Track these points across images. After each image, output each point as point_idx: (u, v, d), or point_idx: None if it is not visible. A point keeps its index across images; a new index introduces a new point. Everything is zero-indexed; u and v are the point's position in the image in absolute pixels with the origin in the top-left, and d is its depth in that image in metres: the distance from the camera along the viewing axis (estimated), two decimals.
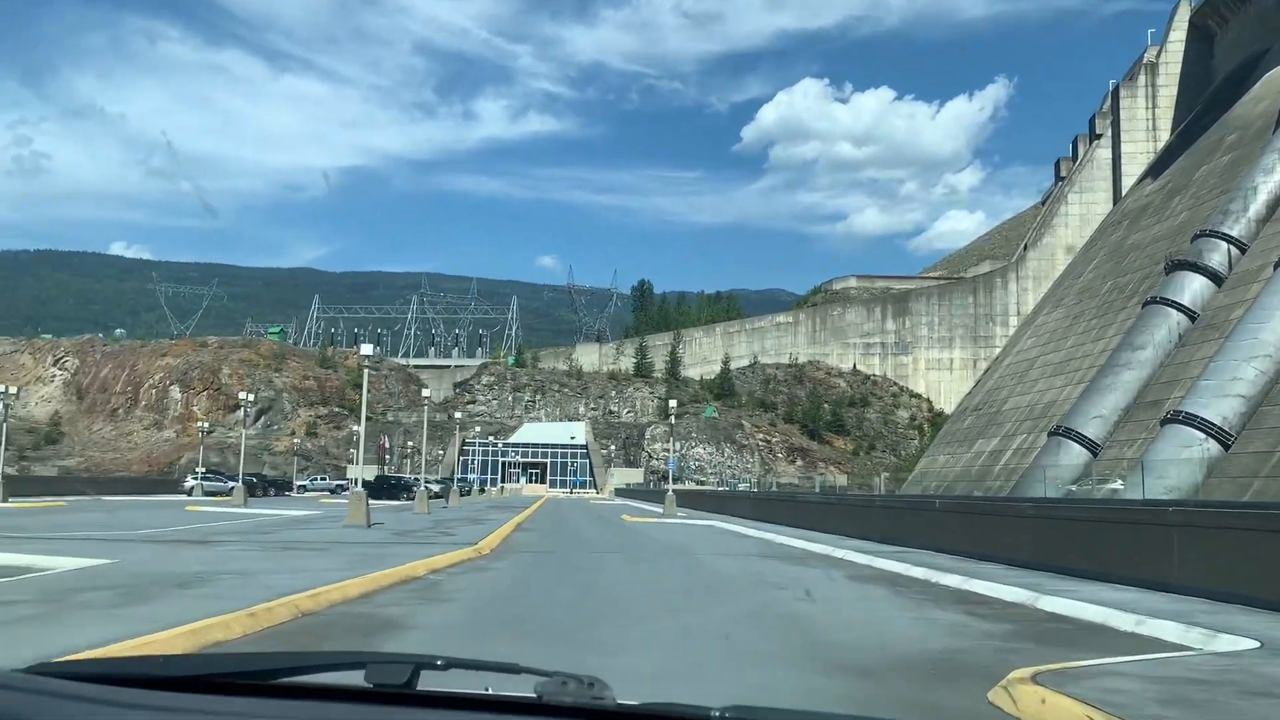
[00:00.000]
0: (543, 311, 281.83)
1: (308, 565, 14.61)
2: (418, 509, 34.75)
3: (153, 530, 22.83)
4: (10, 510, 34.26)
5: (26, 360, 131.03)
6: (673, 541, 24.57)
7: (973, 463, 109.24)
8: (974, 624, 10.85)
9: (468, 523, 29.05)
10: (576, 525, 33.34)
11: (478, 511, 39.46)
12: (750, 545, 23.57)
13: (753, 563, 18.71)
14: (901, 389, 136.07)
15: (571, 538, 26.19)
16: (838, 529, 25.82)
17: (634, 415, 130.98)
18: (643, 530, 29.97)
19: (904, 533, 22.08)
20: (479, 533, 23.18)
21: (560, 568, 17.15)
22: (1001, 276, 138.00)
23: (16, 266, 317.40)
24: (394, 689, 1.78)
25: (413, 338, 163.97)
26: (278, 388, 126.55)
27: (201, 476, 60.69)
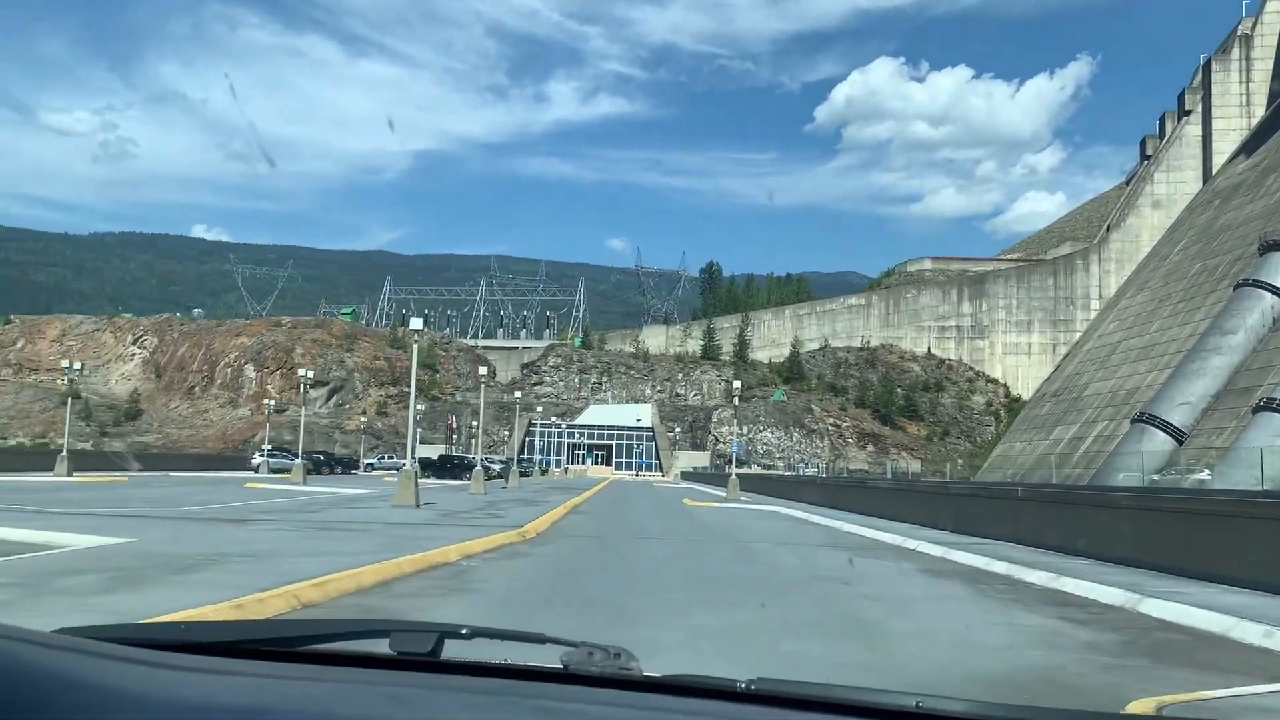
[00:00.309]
0: (610, 294, 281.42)
1: (335, 548, 13.58)
2: (473, 489, 33.86)
3: (199, 507, 22.17)
4: (72, 485, 34.19)
5: (108, 339, 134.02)
6: (731, 528, 23.21)
7: (1051, 450, 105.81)
8: (1071, 632, 9.35)
9: (521, 504, 28.02)
10: (634, 509, 32.16)
11: (536, 493, 38.51)
12: (815, 534, 22.10)
13: (816, 553, 17.28)
14: (977, 374, 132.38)
15: (625, 522, 24.97)
16: (910, 517, 24.23)
17: (701, 398, 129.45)
18: (701, 515, 28.65)
19: (981, 523, 20.43)
20: (529, 515, 22.08)
21: (605, 555, 15.92)
22: (1083, 258, 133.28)
23: (103, 249, 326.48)
24: (418, 657, 1.79)
25: (481, 319, 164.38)
26: (349, 367, 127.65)
27: (268, 454, 60.80)
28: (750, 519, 27.17)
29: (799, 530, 23.08)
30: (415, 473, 23.47)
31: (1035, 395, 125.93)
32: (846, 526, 23.61)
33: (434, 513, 22.33)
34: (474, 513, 23.13)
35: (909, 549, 18.32)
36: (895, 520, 24.79)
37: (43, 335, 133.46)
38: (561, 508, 26.89)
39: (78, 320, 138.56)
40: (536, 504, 28.39)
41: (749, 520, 26.59)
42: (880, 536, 20.77)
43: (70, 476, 38.90)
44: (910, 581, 13.36)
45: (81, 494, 27.25)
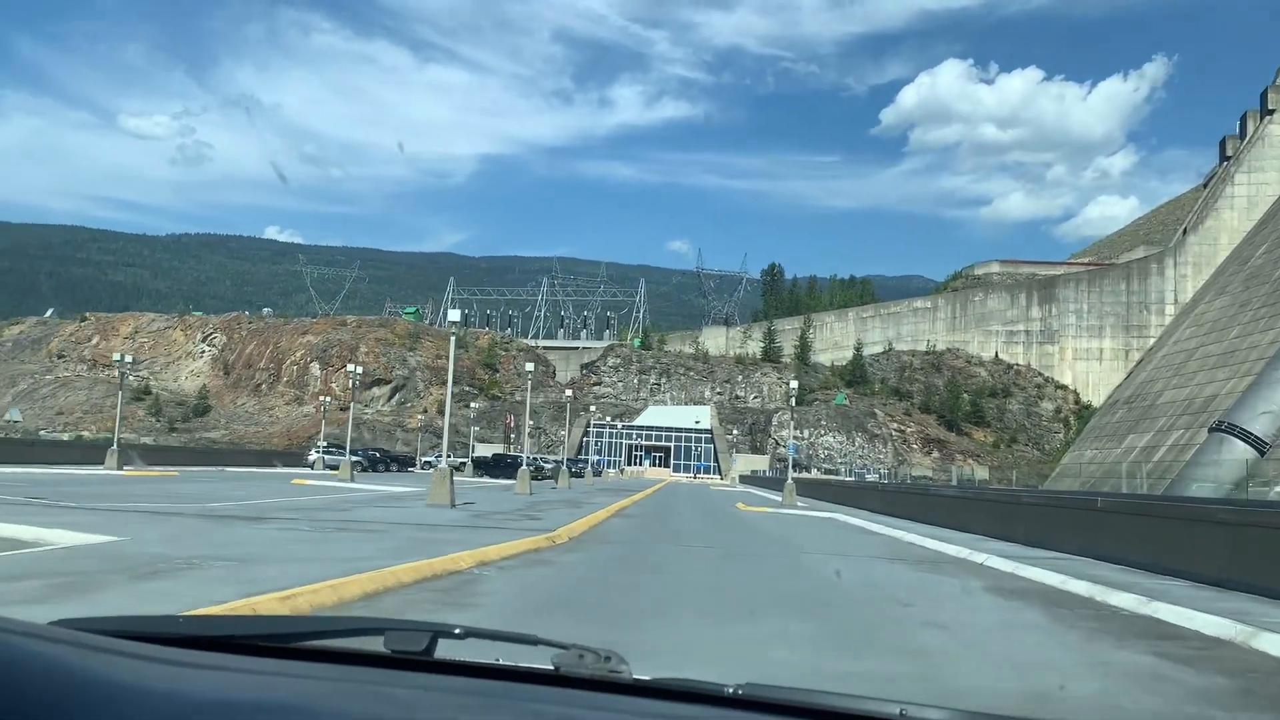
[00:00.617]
0: (671, 296, 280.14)
1: (336, 552, 12.34)
2: (518, 489, 32.66)
3: (224, 503, 21.21)
4: (117, 478, 33.71)
5: (178, 336, 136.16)
6: (783, 536, 21.60)
7: (1122, 459, 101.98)
8: (1175, 674, 7.68)
9: (564, 506, 26.70)
10: (682, 513, 30.67)
11: (584, 495, 37.19)
12: (873, 544, 20.40)
13: (873, 567, 15.63)
14: (1046, 379, 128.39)
15: (669, 527, 23.47)
16: (976, 527, 22.41)
17: (761, 401, 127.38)
18: (753, 521, 27.05)
19: (1055, 535, 18.60)
20: (567, 518, 20.74)
21: (637, 564, 14.45)
22: (1158, 262, 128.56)
23: (180, 249, 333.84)
24: (412, 655, 1.80)
25: (543, 320, 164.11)
26: (411, 366, 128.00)
27: (324, 450, 60.46)
28: (804, 526, 25.51)
29: (856, 540, 21.39)
30: (450, 471, 22.24)
31: (1106, 402, 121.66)
32: (908, 536, 21.88)
33: (467, 514, 21.09)
34: (510, 514, 21.85)
35: (976, 563, 16.58)
36: (961, 530, 22.99)
37: (116, 332, 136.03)
38: (605, 510, 25.52)
39: (149, 318, 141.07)
40: (580, 506, 27.05)
41: (802, 527, 24.94)
42: (944, 548, 19.03)
43: (120, 470, 38.51)
44: (978, 604, 11.71)
45: (117, 488, 26.55)
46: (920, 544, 20.34)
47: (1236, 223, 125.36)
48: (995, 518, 21.62)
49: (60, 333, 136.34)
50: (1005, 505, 21.78)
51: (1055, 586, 13.46)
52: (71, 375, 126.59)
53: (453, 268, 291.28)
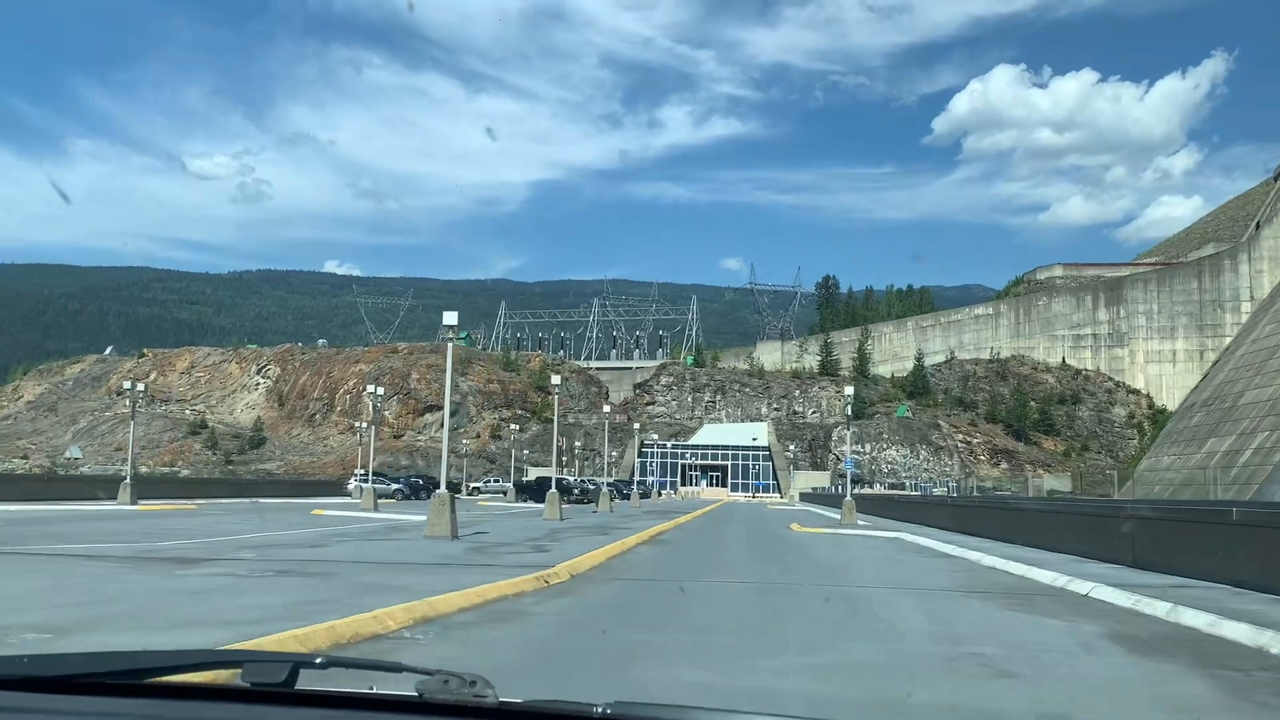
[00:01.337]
0: (725, 314, 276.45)
1: (233, 610, 9.25)
2: (546, 515, 29.49)
3: (187, 542, 18.36)
4: (123, 514, 31.30)
5: (234, 369, 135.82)
6: (839, 564, 18.10)
7: (1204, 463, 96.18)
8: None
9: (589, 534, 23.46)
10: (727, 536, 27.23)
11: (623, 519, 33.88)
12: (947, 572, 16.82)
13: (950, 606, 12.14)
14: (1117, 384, 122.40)
15: (706, 555, 20.06)
16: (1066, 546, 18.73)
17: (819, 415, 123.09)
18: (806, 545, 23.52)
19: (1174, 556, 14.93)
20: (581, 548, 17.51)
21: (639, 614, 11.10)
22: (1231, 258, 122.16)
23: (242, 286, 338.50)
24: (272, 688, 1.72)
25: (594, 341, 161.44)
26: (463, 391, 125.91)
27: (361, 478, 57.94)
28: (865, 550, 21.94)
29: (926, 568, 17.81)
30: (450, 499, 19.13)
31: (1182, 406, 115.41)
32: (987, 559, 18.26)
33: (466, 546, 17.92)
34: (518, 545, 18.64)
35: (1080, 594, 13.00)
36: (1047, 550, 19.32)
37: (173, 368, 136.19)
38: (635, 537, 22.22)
39: (205, 352, 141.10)
40: (609, 533, 23.79)
41: (863, 552, 21.38)
42: (1035, 574, 15.42)
43: (133, 505, 36.14)
44: (1105, 664, 8.19)
45: (99, 525, 23.95)
46: (1003, 569, 16.74)
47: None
48: (1092, 535, 17.92)
49: (119, 370, 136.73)
50: (1103, 520, 18.08)
51: (1203, 631, 9.90)
52: (130, 411, 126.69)
53: (507, 294, 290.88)
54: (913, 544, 24.12)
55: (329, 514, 33.05)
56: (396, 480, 60.13)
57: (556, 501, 29.54)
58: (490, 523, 27.65)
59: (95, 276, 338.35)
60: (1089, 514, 18.91)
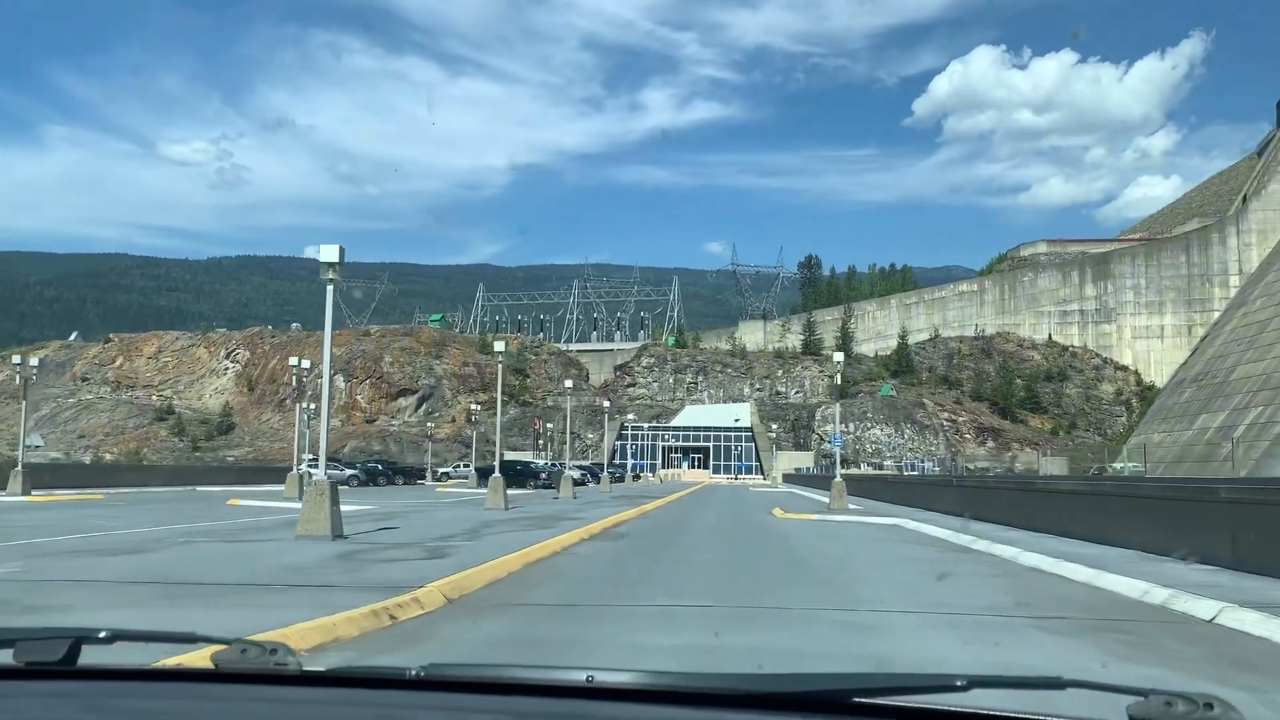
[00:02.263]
0: (708, 297, 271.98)
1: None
2: (489, 503, 24.93)
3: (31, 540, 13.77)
4: (12, 505, 26.66)
5: (202, 354, 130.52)
6: (836, 567, 13.65)
7: (1196, 440, 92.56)
8: None
9: (531, 526, 18.97)
10: (700, 525, 22.76)
11: (582, 506, 29.38)
12: (982, 578, 12.37)
13: (1020, 648, 7.64)
14: (1105, 360, 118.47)
15: (664, 557, 15.51)
16: (1123, 539, 14.36)
17: (803, 395, 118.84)
18: (792, 537, 19.07)
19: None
20: (503, 548, 13.05)
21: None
22: (1218, 231, 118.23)
23: (220, 272, 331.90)
24: (50, 666, 1.59)
25: (574, 323, 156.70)
26: (438, 375, 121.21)
27: (311, 463, 53.33)
28: (865, 545, 17.49)
29: (950, 568, 13.34)
30: (330, 487, 14.56)
31: (1172, 381, 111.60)
32: (1025, 557, 13.86)
33: (340, 551, 13.34)
34: (417, 547, 14.11)
35: (1203, 619, 8.61)
36: (1093, 542, 14.96)
37: (139, 353, 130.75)
38: (583, 530, 17.76)
39: (173, 337, 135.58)
40: (554, 525, 19.30)
41: (863, 547, 16.93)
42: (1106, 581, 11.02)
43: (25, 495, 31.41)
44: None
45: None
46: (1055, 571, 12.34)
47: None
48: (1164, 523, 13.51)
49: (85, 355, 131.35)
50: (1188, 504, 13.66)
51: None
52: (94, 398, 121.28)
53: (490, 279, 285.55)
54: (919, 534, 19.73)
55: (245, 504, 28.52)
56: (353, 466, 55.49)
57: (500, 488, 24.97)
58: (417, 515, 23.09)
59: (72, 263, 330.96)
60: (1164, 497, 14.46)
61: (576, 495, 35.72)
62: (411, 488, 52.94)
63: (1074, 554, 13.56)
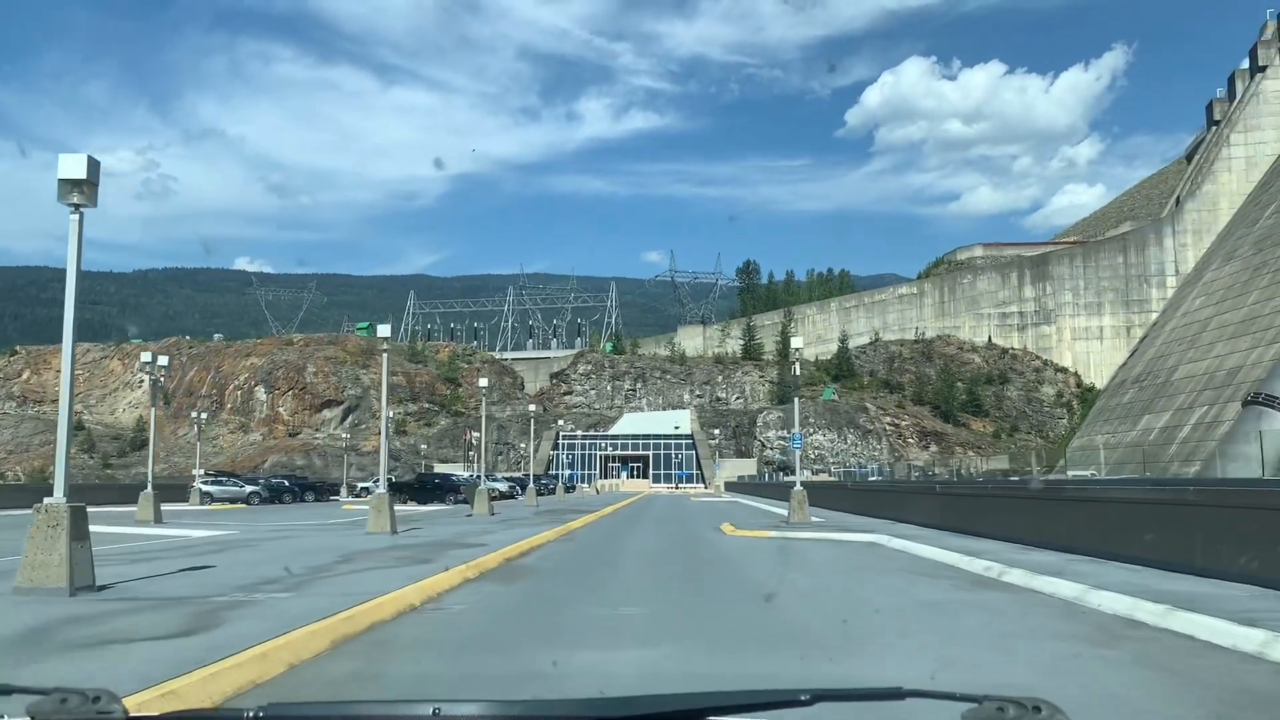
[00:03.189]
0: (646, 306, 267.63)
1: None
2: (371, 527, 19.89)
3: None
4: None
5: (115, 366, 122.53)
6: (813, 615, 8.96)
7: (1140, 440, 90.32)
8: None
9: (406, 561, 14.05)
10: (631, 549, 17.96)
11: (500, 525, 24.47)
12: (1072, 643, 7.75)
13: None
14: (1045, 363, 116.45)
15: (576, 602, 10.58)
16: (1211, 565, 10.03)
17: (743, 401, 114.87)
18: (748, 562, 14.39)
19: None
20: (337, 600, 8.17)
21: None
22: (1155, 232, 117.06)
23: (146, 285, 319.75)
24: None
25: (509, 331, 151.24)
26: (365, 384, 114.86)
27: (208, 478, 47.59)
28: (846, 575, 12.86)
29: (999, 620, 8.73)
30: (68, 515, 9.57)
31: (1113, 382, 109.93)
32: (1095, 597, 9.38)
33: (35, 622, 8.35)
34: (174, 610, 9.14)
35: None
36: (1174, 571, 10.63)
37: (48, 365, 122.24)
38: (476, 563, 12.91)
39: (84, 349, 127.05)
40: (444, 553, 14.42)
41: (844, 578, 12.31)
42: (1245, 636, 6.53)
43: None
44: None
45: None
46: (1186, 632, 7.87)
47: (1236, 185, 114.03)
48: (1232, 539, 9.15)
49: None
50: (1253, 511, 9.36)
51: None
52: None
53: (425, 289, 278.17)
54: (911, 556, 15.21)
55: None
56: (254, 481, 49.66)
57: (385, 507, 19.94)
58: (272, 544, 17.97)
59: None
60: (1246, 507, 10.10)
61: (495, 512, 30.72)
62: (320, 505, 47.38)
63: (1172, 593, 9.10)
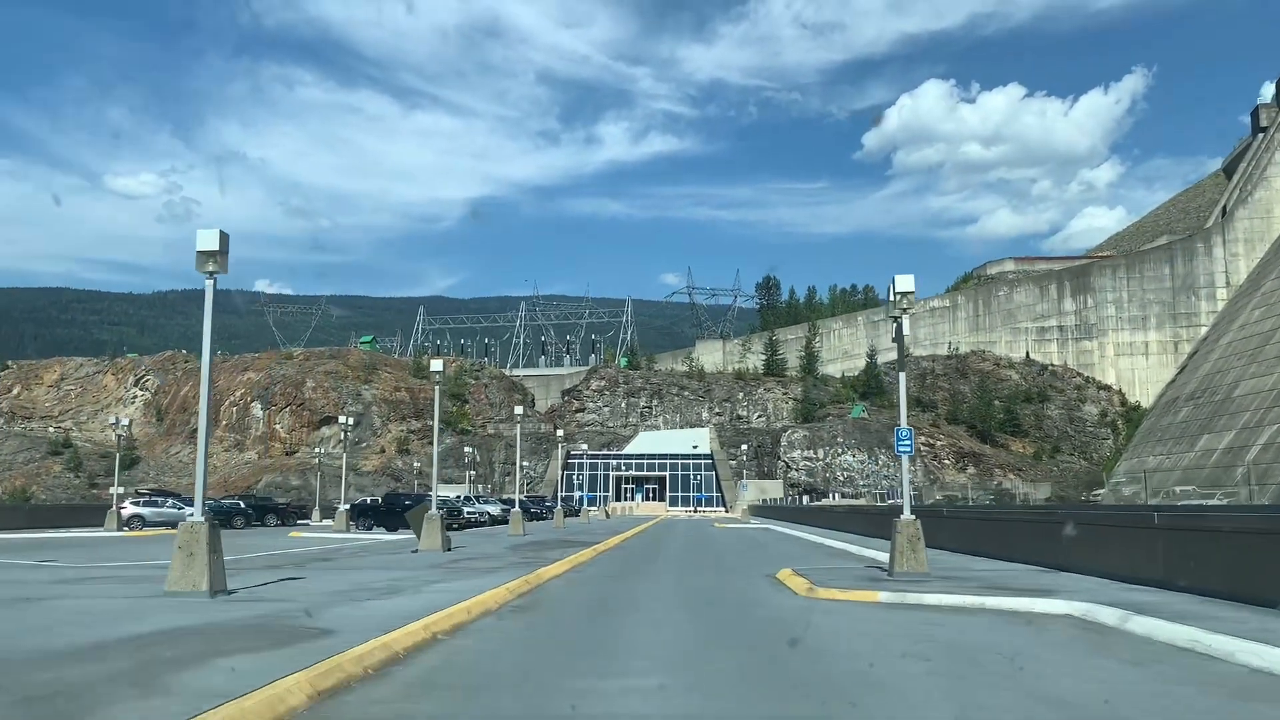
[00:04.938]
0: (664, 328, 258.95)
1: None
2: (173, 583, 11.03)
3: None
4: None
5: (109, 382, 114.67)
6: None
7: (1200, 462, 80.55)
8: None
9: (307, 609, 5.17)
10: (624, 641, 8.94)
11: (446, 565, 15.70)
12: None
13: None
14: (1087, 379, 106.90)
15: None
16: None
17: (765, 420, 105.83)
18: (890, 690, 5.50)
19: None
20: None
21: None
22: (1204, 241, 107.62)
23: (164, 306, 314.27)
24: None
25: (522, 348, 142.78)
26: (366, 400, 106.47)
27: (145, 498, 38.93)
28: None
29: None
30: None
31: (1163, 400, 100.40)
32: None
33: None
34: None
35: None
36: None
37: (39, 381, 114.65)
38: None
39: (77, 363, 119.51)
40: (358, 609, 5.70)
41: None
42: None
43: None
44: None
45: None
46: None
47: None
48: None
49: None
50: None
51: None
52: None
53: (443, 311, 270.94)
54: (1242, 667, 6.33)
55: None
56: (191, 501, 41.13)
57: (201, 548, 11.25)
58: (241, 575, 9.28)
59: (10, 298, 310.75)
60: None
61: (452, 546, 21.84)
62: (264, 532, 38.46)
63: None
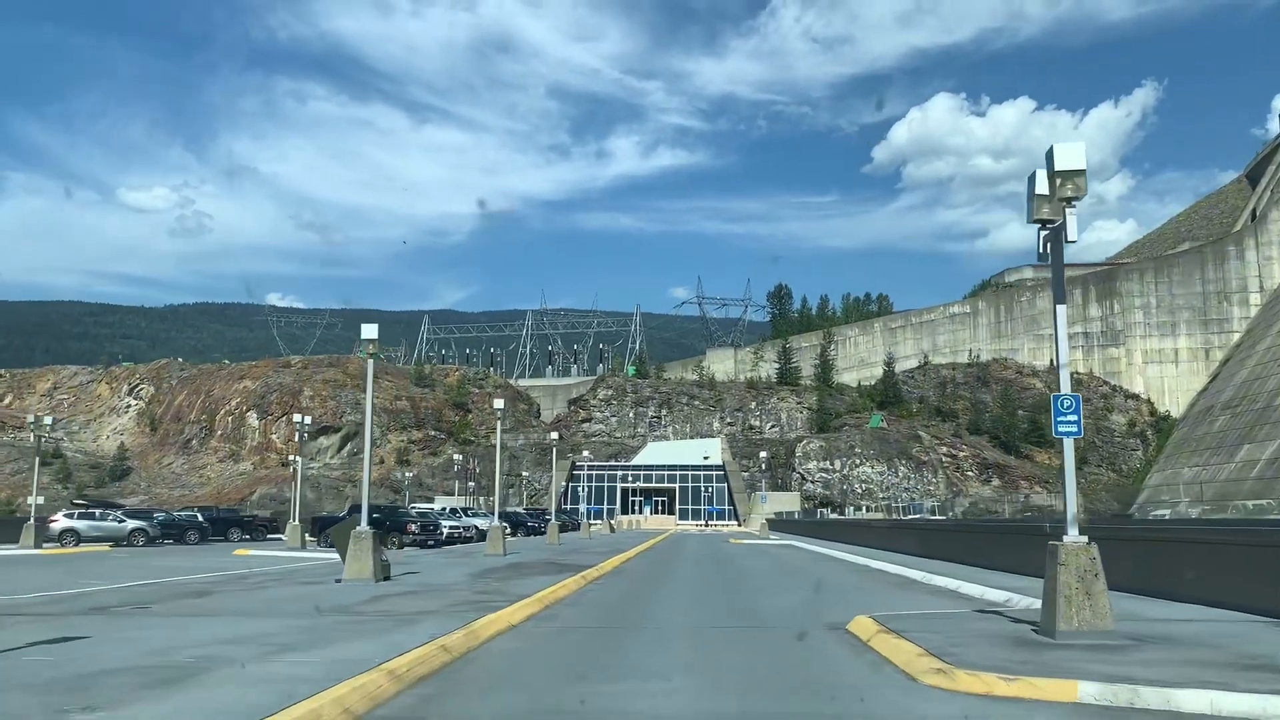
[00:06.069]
0: (674, 341, 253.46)
1: None
2: None
3: None
4: None
5: (102, 390, 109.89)
6: None
7: (1242, 475, 74.71)
8: None
9: None
10: None
11: (360, 611, 10.38)
12: None
13: None
14: (1114, 388, 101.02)
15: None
16: None
17: (779, 430, 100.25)
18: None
19: None
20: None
21: None
22: (1235, 245, 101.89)
23: (176, 319, 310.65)
24: None
25: (528, 357, 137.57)
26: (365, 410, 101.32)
27: (80, 513, 33.60)
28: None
29: None
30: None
31: (1196, 409, 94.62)
32: None
33: None
34: None
35: None
36: None
37: (32, 389, 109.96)
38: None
39: (71, 371, 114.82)
40: None
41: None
42: None
43: None
44: None
45: None
46: None
47: None
48: None
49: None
50: None
51: None
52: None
53: (452, 324, 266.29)
54: None
55: None
56: (148, 516, 35.58)
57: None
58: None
59: (23, 312, 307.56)
60: None
61: (390, 575, 16.47)
62: (208, 550, 32.95)
63: None
